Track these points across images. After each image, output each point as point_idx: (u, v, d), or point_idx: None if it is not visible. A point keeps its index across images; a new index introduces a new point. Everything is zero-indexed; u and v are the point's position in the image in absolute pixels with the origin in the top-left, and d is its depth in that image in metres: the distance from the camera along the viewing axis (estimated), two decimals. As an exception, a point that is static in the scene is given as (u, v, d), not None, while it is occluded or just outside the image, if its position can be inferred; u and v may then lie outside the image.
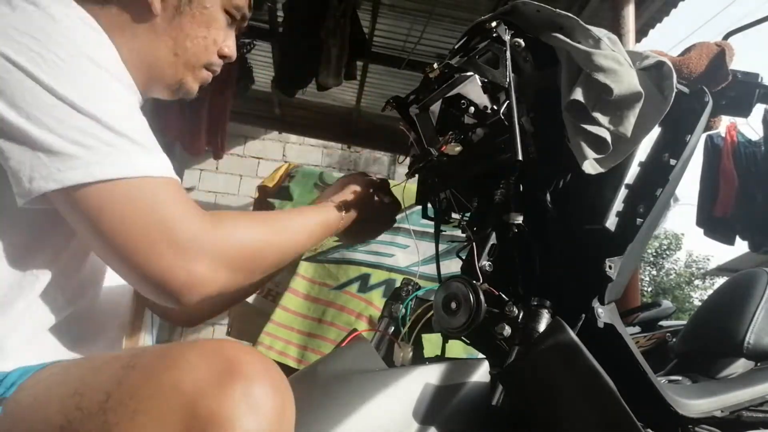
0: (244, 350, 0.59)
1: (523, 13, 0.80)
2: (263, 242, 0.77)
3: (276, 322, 1.94)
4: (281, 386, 0.59)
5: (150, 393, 0.56)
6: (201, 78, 0.90)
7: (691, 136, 0.81)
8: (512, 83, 0.77)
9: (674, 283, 20.50)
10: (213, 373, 0.56)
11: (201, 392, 0.55)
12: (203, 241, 0.68)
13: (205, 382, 0.55)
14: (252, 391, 0.56)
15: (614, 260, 0.74)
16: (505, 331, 0.71)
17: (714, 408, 0.90)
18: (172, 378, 0.56)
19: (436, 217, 0.92)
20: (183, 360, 0.57)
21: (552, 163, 0.80)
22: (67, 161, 0.63)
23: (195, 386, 0.55)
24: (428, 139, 0.81)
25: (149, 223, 0.66)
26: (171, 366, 0.57)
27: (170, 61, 0.84)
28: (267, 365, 0.59)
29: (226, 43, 0.90)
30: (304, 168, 2.34)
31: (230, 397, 0.55)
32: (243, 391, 0.55)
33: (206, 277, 0.68)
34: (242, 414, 0.54)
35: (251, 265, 0.74)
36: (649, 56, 0.80)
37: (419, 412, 0.69)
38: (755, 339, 1.15)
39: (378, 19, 4.20)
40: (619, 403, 0.65)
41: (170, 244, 0.66)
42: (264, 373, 0.58)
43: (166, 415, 0.54)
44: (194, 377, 0.55)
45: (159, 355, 0.60)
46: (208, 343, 0.60)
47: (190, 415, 0.54)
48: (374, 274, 1.99)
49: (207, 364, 0.56)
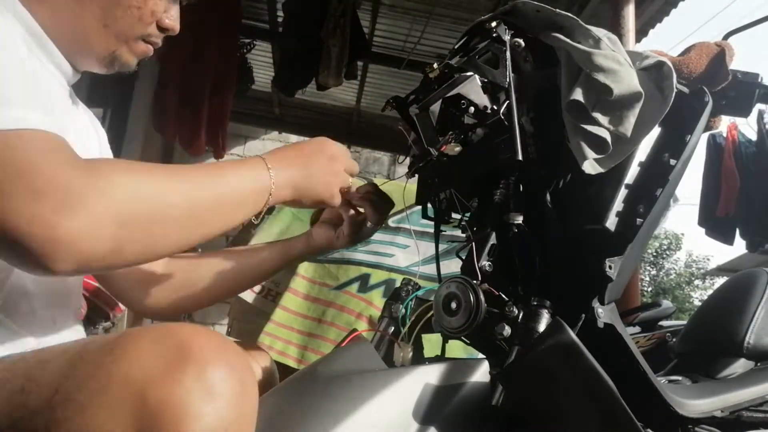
0: (197, 331, 0.55)
1: (523, 13, 0.80)
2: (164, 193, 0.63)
3: (276, 322, 1.94)
4: (239, 367, 0.55)
5: (98, 385, 0.53)
6: (138, 51, 0.82)
7: (691, 136, 0.80)
8: (512, 83, 0.77)
9: (674, 283, 20.51)
10: (163, 359, 0.52)
11: (151, 380, 0.51)
12: (75, 187, 0.55)
13: (155, 370, 0.52)
14: (205, 374, 0.52)
15: (614, 260, 0.74)
16: (505, 331, 0.71)
17: (714, 408, 0.90)
18: (120, 367, 0.53)
19: (436, 217, 0.92)
20: (132, 348, 0.54)
21: (552, 163, 0.80)
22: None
23: (144, 374, 0.51)
24: (428, 139, 0.81)
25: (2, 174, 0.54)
26: (120, 355, 0.53)
27: (99, 31, 0.77)
28: (222, 346, 0.55)
29: (168, 14, 0.82)
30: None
31: (181, 383, 0.51)
32: (196, 376, 0.52)
33: (81, 232, 0.55)
34: (196, 400, 0.51)
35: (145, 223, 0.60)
36: (649, 56, 0.80)
37: (419, 412, 0.69)
38: (755, 339, 1.15)
39: (378, 19, 4.21)
40: (619, 403, 0.65)
41: (29, 193, 0.54)
42: (218, 354, 0.54)
43: (116, 407, 0.51)
44: (143, 365, 0.52)
45: (108, 345, 0.56)
46: (160, 327, 0.56)
47: (141, 406, 0.51)
48: (374, 274, 1.99)
49: (157, 349, 0.53)
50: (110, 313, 2.19)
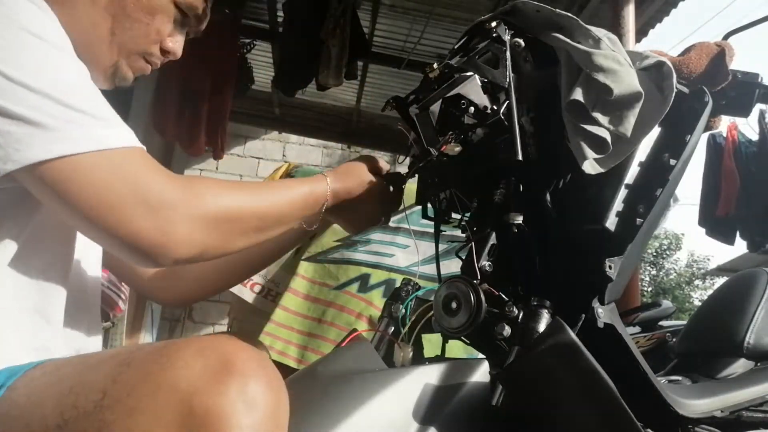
0: (239, 347, 0.59)
1: (523, 13, 0.80)
2: (240, 204, 0.75)
3: (276, 322, 1.94)
4: (276, 383, 0.59)
5: (146, 391, 0.56)
6: (136, 67, 0.85)
7: (691, 136, 0.81)
8: (512, 83, 0.77)
9: (674, 283, 20.51)
10: (208, 371, 0.55)
11: (197, 390, 0.54)
12: (176, 201, 0.68)
13: (201, 380, 0.55)
14: (247, 388, 0.56)
15: (614, 260, 0.74)
16: (505, 331, 0.71)
17: (714, 408, 0.90)
18: (168, 376, 0.56)
19: (436, 217, 0.92)
20: (178, 357, 0.57)
21: (552, 163, 0.80)
22: (23, 140, 0.63)
23: (191, 384, 0.55)
24: (428, 139, 0.81)
25: (117, 187, 0.66)
26: (167, 364, 0.57)
27: (106, 40, 0.80)
28: (262, 362, 0.59)
29: (172, 38, 0.86)
30: (304, 168, 2.34)
31: (226, 394, 0.55)
32: (238, 389, 0.55)
33: (181, 237, 0.68)
34: (238, 411, 0.54)
35: (228, 226, 0.73)
36: (649, 56, 0.80)
37: (419, 412, 0.69)
38: (755, 339, 1.15)
39: (378, 19, 4.20)
40: (619, 403, 0.65)
41: (141, 204, 0.66)
42: (259, 370, 0.58)
43: (163, 413, 0.54)
44: (190, 375, 0.55)
45: (154, 353, 0.59)
46: (204, 340, 0.60)
47: (187, 413, 0.54)
48: (374, 274, 1.99)
49: (202, 361, 0.56)
50: (110, 313, 2.19)
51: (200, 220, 0.70)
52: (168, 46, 0.86)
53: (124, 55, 0.83)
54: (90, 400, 0.58)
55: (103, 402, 0.57)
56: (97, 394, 0.58)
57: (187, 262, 0.71)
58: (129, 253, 0.69)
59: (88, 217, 0.66)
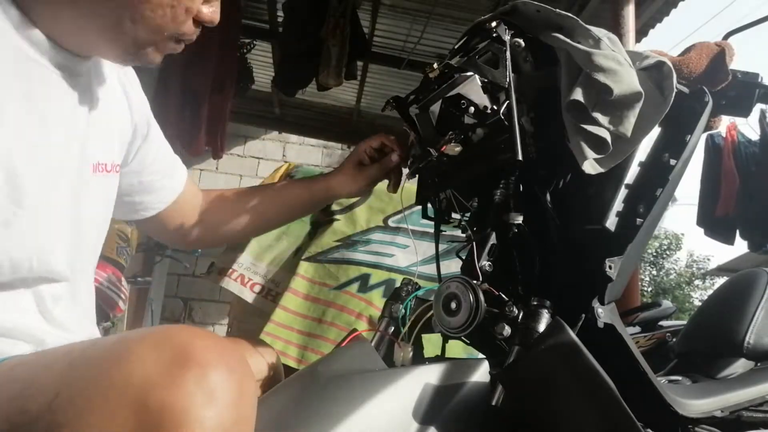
0: (197, 335, 0.55)
1: (523, 13, 0.80)
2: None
3: (276, 322, 1.94)
4: (238, 370, 0.56)
5: (99, 388, 0.53)
6: (167, 49, 0.77)
7: (691, 136, 0.81)
8: (512, 83, 0.77)
9: (674, 283, 20.49)
10: (164, 363, 0.52)
11: (152, 384, 0.51)
12: None
13: (156, 373, 0.52)
14: (206, 378, 0.52)
15: (614, 260, 0.74)
16: (505, 331, 0.71)
17: (714, 408, 0.90)
18: (121, 371, 0.52)
19: (436, 217, 0.92)
20: (132, 351, 0.54)
21: (552, 163, 0.80)
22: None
23: (145, 378, 0.51)
24: (428, 139, 0.81)
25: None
26: (120, 358, 0.53)
27: (127, 27, 0.72)
28: (223, 350, 0.56)
29: (207, 4, 0.76)
30: (305, 168, 2.34)
31: (182, 386, 0.51)
32: (196, 380, 0.52)
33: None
34: (198, 403, 0.51)
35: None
36: (649, 56, 0.80)
37: (419, 412, 0.69)
38: (755, 339, 1.15)
39: (378, 19, 4.20)
40: (619, 403, 0.65)
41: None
42: (219, 359, 0.54)
43: (117, 411, 0.51)
44: (144, 368, 0.52)
45: (108, 348, 0.56)
46: (159, 330, 0.56)
47: (142, 409, 0.50)
48: (374, 274, 1.98)
49: (157, 353, 0.53)
50: (110, 313, 2.19)
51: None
52: (205, 16, 0.76)
53: (150, 42, 0.75)
54: (41, 402, 0.55)
55: (55, 403, 0.54)
56: (48, 396, 0.54)
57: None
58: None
59: None
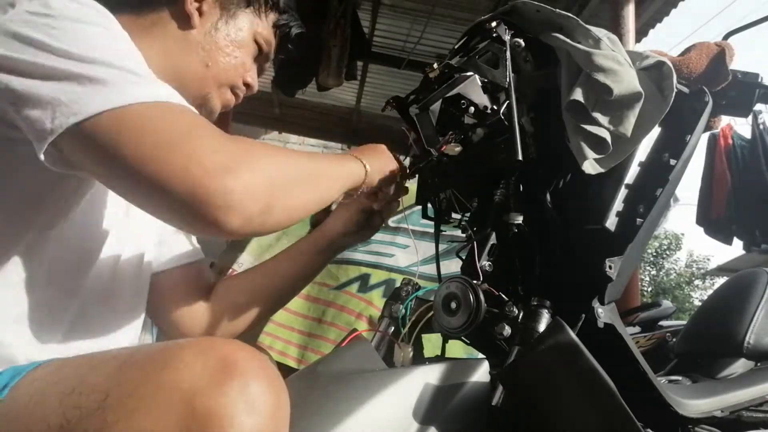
0: (238, 347, 0.59)
1: (523, 13, 0.80)
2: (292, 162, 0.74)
3: (276, 322, 1.94)
4: (276, 383, 0.59)
5: (148, 391, 0.56)
6: (225, 99, 0.90)
7: (691, 136, 0.81)
8: (512, 83, 0.77)
9: (674, 283, 20.52)
10: (209, 371, 0.56)
11: (198, 390, 0.55)
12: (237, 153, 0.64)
13: (202, 380, 0.55)
14: (248, 388, 0.56)
15: (614, 260, 0.74)
16: (505, 331, 0.71)
17: (714, 408, 0.90)
18: (169, 376, 0.56)
19: (436, 217, 0.92)
20: (179, 358, 0.57)
21: (552, 163, 0.80)
22: (85, 95, 0.62)
23: (192, 384, 0.55)
24: (428, 139, 0.81)
25: (173, 137, 0.63)
26: (168, 364, 0.57)
27: (200, 71, 0.85)
28: (262, 362, 0.59)
29: (250, 74, 0.92)
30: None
31: (227, 394, 0.55)
32: (240, 389, 0.55)
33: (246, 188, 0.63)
34: (239, 411, 0.55)
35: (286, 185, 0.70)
36: (649, 56, 0.80)
37: (419, 412, 0.69)
38: (755, 339, 1.15)
39: (378, 19, 4.21)
40: (619, 403, 0.65)
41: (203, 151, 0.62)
42: (260, 371, 0.58)
43: (165, 414, 0.54)
44: (191, 375, 0.55)
45: (156, 353, 0.60)
46: (203, 341, 0.60)
47: (189, 413, 0.54)
48: (374, 274, 1.98)
49: (203, 361, 0.56)
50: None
51: (260, 172, 0.66)
52: (248, 80, 0.91)
53: (216, 86, 0.88)
54: (92, 400, 0.58)
55: (106, 403, 0.57)
56: (99, 395, 0.58)
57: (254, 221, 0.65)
58: (189, 212, 0.62)
59: (139, 171, 0.61)
